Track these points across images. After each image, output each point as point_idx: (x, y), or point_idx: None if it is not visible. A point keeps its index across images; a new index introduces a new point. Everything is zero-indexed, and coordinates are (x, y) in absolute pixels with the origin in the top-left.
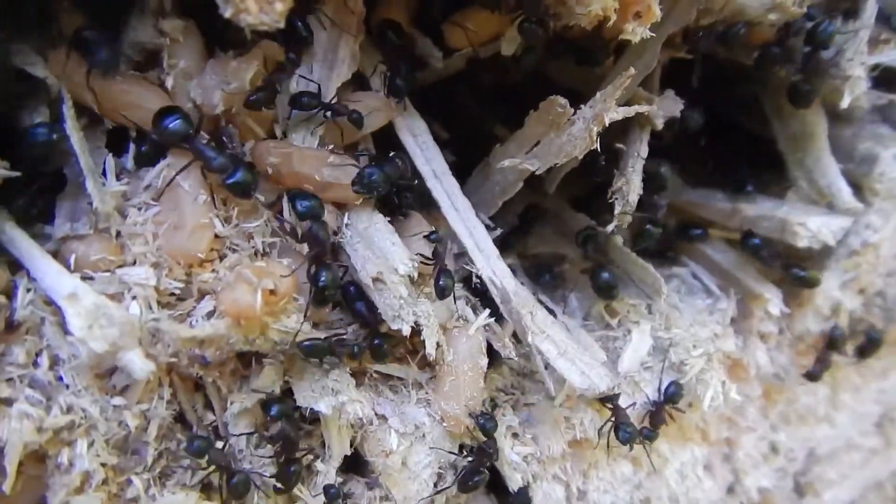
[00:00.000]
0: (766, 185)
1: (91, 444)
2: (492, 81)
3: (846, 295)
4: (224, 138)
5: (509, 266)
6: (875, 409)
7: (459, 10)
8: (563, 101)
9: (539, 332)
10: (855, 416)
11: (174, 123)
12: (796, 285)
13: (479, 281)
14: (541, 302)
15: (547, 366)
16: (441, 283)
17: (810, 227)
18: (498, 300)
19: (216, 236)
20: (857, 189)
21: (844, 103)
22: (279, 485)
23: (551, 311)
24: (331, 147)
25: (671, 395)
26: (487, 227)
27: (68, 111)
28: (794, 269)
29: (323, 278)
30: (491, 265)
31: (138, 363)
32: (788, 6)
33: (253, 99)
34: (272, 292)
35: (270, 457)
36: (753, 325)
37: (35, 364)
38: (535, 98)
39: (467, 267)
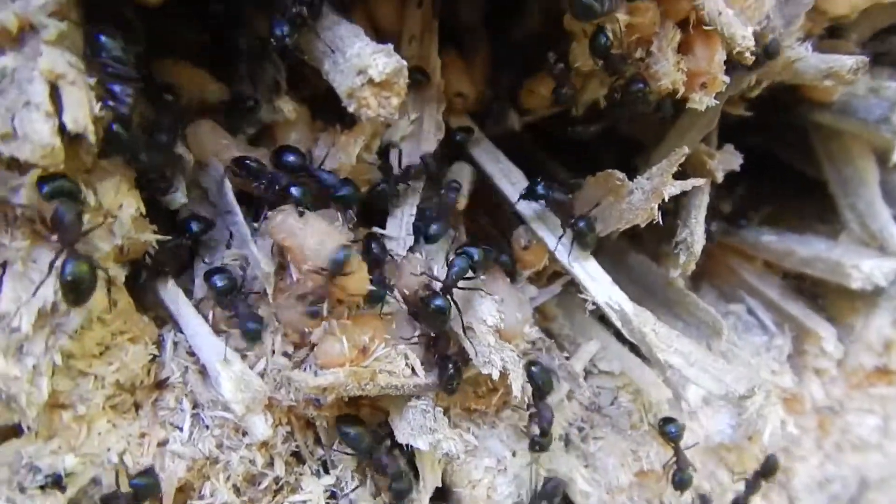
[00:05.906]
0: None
1: (228, 478)
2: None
3: None
4: None
5: None
6: None
7: (531, 77)
8: (620, 175)
9: (666, 348)
10: None
11: None
12: None
13: None
14: None
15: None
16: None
17: (863, 269)
18: (618, 323)
19: None
20: None
21: (895, 158)
22: None
23: None
24: None
25: None
26: None
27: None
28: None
29: None
30: (606, 291)
31: (260, 427)
32: (843, 74)
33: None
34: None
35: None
36: (809, 362)
37: (181, 408)
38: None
39: (582, 296)
